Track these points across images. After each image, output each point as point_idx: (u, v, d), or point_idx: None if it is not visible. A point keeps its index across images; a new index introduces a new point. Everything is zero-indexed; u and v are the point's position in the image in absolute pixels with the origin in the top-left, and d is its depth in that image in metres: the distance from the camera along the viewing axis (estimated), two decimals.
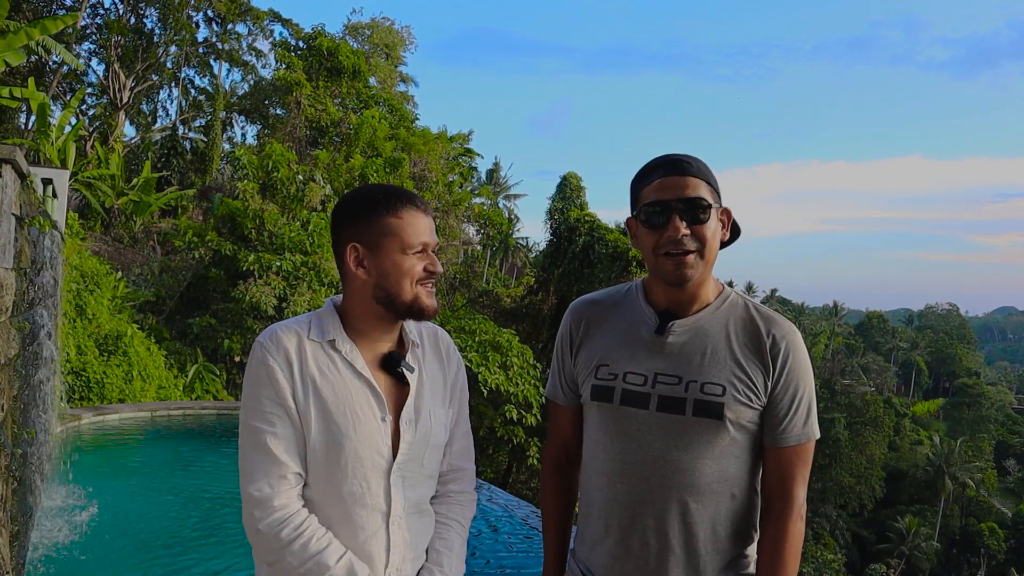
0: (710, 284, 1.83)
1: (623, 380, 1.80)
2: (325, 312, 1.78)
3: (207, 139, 33.36)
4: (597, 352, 1.88)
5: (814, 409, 1.81)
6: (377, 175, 20.38)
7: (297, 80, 22.75)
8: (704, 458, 1.74)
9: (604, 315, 1.93)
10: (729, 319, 1.81)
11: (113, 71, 27.72)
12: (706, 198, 1.74)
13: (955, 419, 68.93)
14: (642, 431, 1.77)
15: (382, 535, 1.71)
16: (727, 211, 1.82)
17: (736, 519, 1.79)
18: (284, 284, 15.93)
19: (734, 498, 1.78)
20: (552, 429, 2.07)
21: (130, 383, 12.13)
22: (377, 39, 34.53)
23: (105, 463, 8.37)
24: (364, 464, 1.69)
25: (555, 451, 2.06)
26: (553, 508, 2.05)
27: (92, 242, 19.00)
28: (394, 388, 1.77)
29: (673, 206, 1.73)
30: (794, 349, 1.77)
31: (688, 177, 1.75)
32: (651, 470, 1.76)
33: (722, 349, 1.77)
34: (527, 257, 45.55)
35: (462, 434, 1.93)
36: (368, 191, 1.76)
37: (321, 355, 1.72)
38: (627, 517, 1.79)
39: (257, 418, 1.67)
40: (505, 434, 18.77)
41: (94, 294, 12.74)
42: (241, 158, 19.65)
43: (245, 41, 35.31)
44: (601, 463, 1.84)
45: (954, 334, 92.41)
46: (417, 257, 1.72)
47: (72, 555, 5.68)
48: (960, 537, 50.77)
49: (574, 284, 23.25)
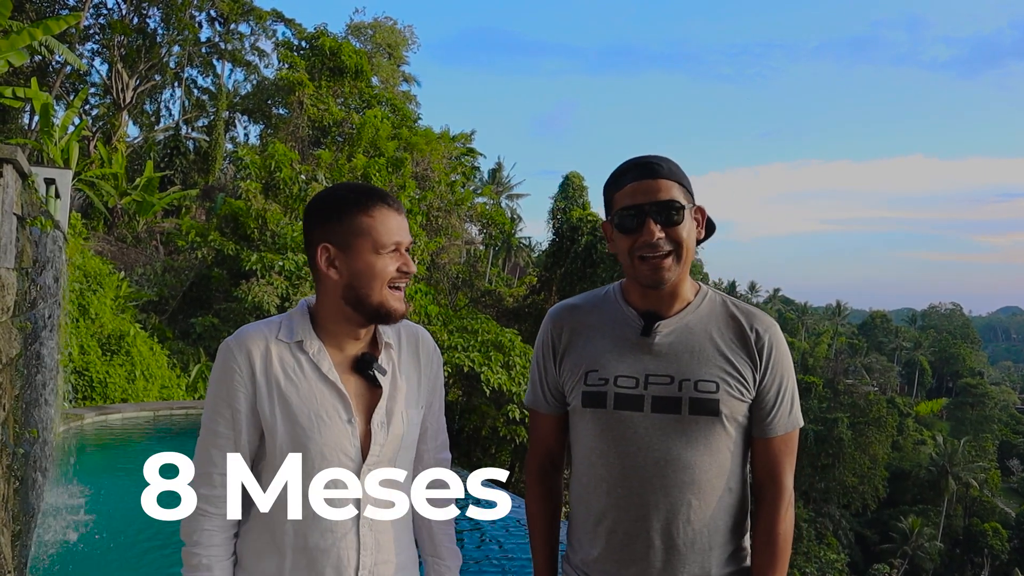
0: (688, 283, 1.84)
1: (614, 384, 1.79)
2: (296, 312, 1.78)
3: (210, 139, 33.42)
4: (584, 358, 1.86)
5: (797, 398, 1.84)
6: (379, 175, 20.39)
7: (300, 80, 22.77)
8: (703, 455, 1.75)
9: (586, 320, 1.91)
10: (711, 316, 1.82)
11: (116, 71, 27.78)
12: (678, 199, 1.75)
13: (958, 419, 68.87)
14: (639, 434, 1.76)
15: (352, 537, 1.71)
16: (700, 209, 1.82)
17: (734, 512, 1.81)
18: (286, 284, 15.95)
19: (731, 491, 1.79)
20: (534, 437, 2.06)
21: (133, 383, 12.15)
22: (380, 39, 34.57)
23: (108, 463, 8.39)
24: (331, 465, 1.69)
25: (539, 458, 2.04)
26: (540, 514, 2.04)
27: (95, 242, 19.02)
28: (365, 390, 1.76)
29: (646, 210, 1.74)
30: (776, 341, 1.80)
31: (659, 180, 1.75)
32: (652, 472, 1.76)
33: (709, 346, 1.78)
34: (529, 257, 45.58)
35: (441, 428, 1.96)
36: (339, 190, 1.74)
37: (288, 356, 1.71)
38: (629, 521, 1.78)
39: (211, 418, 1.72)
40: (508, 434, 18.78)
41: (97, 294, 12.77)
42: (244, 158, 19.68)
43: (248, 41, 35.41)
44: (599, 469, 1.82)
45: (957, 334, 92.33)
46: (390, 257, 1.70)
47: (74, 554, 5.69)
48: (963, 537, 50.68)
49: (576, 284, 23.25)
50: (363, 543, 1.72)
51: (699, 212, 1.82)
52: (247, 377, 1.68)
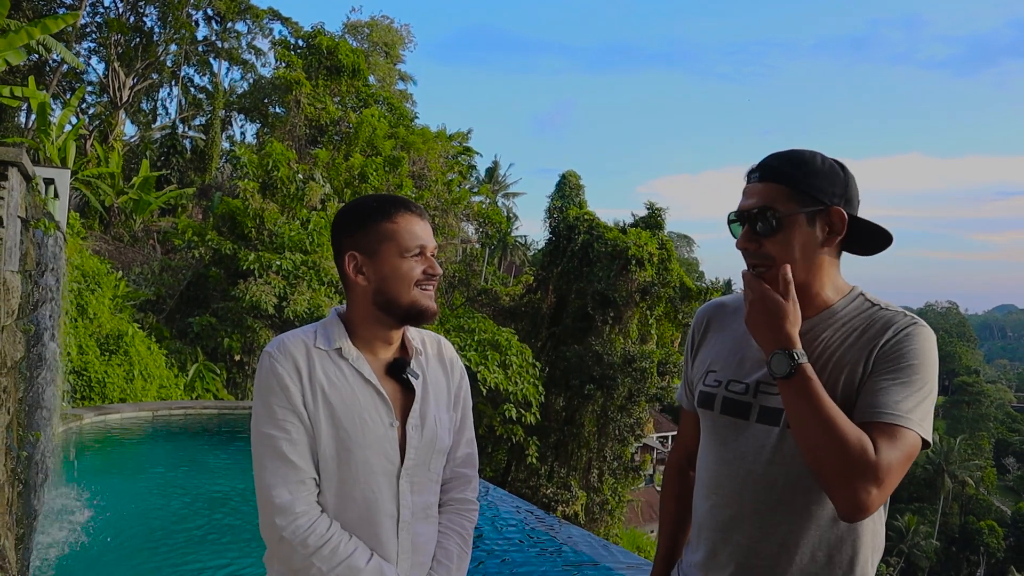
0: (827, 287, 1.66)
1: (725, 388, 1.72)
2: (330, 321, 1.81)
3: (207, 138, 33.37)
4: (709, 357, 1.81)
5: (930, 414, 1.57)
6: (376, 174, 20.38)
7: (297, 79, 22.74)
8: (803, 476, 1.59)
9: (725, 320, 1.84)
10: (844, 325, 1.64)
11: (113, 70, 27.71)
12: (774, 206, 1.61)
13: (955, 417, 69.06)
14: (739, 442, 1.68)
15: (392, 541, 1.74)
16: (831, 212, 1.61)
17: (840, 546, 1.62)
18: (284, 283, 15.94)
19: (836, 523, 1.61)
20: (678, 434, 2.03)
21: (131, 382, 12.16)
22: (376, 37, 34.50)
23: (106, 463, 8.40)
24: (374, 470, 1.72)
25: (677, 455, 2.03)
26: (668, 512, 2.01)
27: (92, 241, 19.00)
28: (399, 394, 1.80)
29: (740, 217, 1.66)
30: (918, 340, 1.57)
31: (757, 184, 1.65)
32: (743, 484, 1.66)
33: (834, 358, 1.61)
34: (526, 256, 45.55)
35: (466, 441, 1.96)
36: (364, 201, 1.80)
37: (328, 363, 1.74)
38: (716, 531, 1.71)
39: (270, 426, 1.69)
40: (504, 433, 18.81)
41: (95, 293, 12.76)
42: (241, 157, 19.65)
43: (245, 40, 35.40)
44: (701, 472, 1.78)
45: (954, 332, 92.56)
46: (415, 260, 1.75)
47: (74, 555, 5.70)
48: (959, 535, 50.88)
49: (573, 283, 23.24)
50: (401, 547, 1.75)
51: (823, 215, 1.62)
52: (296, 380, 1.70)
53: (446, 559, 1.85)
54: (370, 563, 1.68)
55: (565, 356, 22.25)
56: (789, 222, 1.60)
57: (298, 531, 1.65)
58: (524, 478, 22.21)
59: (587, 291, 22.52)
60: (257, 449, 1.71)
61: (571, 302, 23.27)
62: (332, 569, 1.65)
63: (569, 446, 22.48)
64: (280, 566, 1.72)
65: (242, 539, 6.25)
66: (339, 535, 1.68)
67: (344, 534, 1.69)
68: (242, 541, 6.20)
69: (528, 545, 6.03)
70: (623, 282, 22.04)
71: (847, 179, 1.65)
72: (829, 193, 1.61)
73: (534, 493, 21.40)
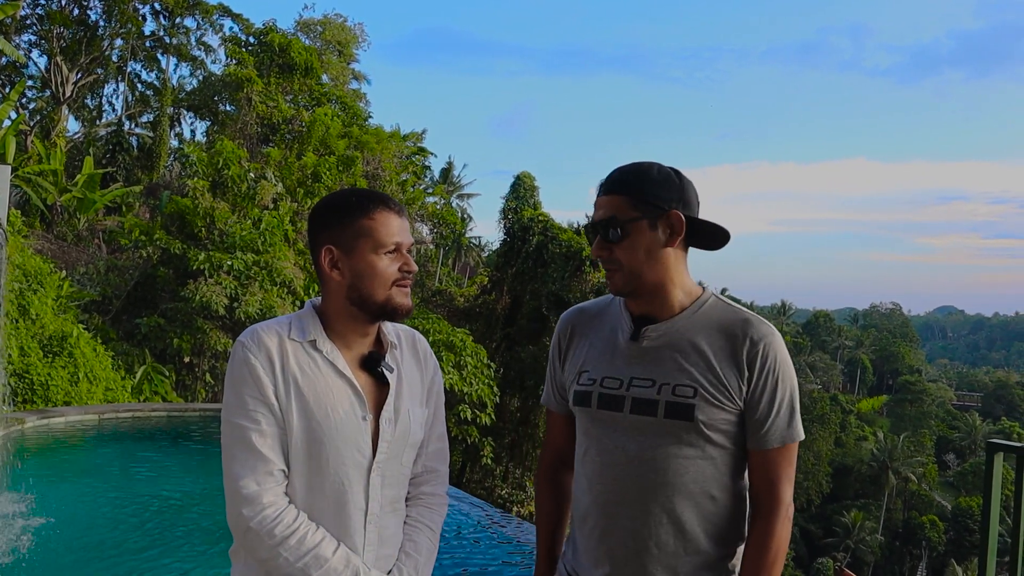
0: (678, 289, 1.82)
1: (600, 385, 1.84)
2: (305, 314, 1.81)
3: (154, 135, 32.65)
4: (580, 359, 1.93)
5: (797, 410, 1.82)
6: (330, 173, 20.20)
7: (248, 76, 22.42)
8: (677, 459, 1.76)
9: (589, 323, 1.97)
10: (704, 322, 1.82)
11: (55, 64, 27.01)
12: (618, 216, 1.77)
13: (898, 415, 70.67)
14: (617, 433, 1.80)
15: (360, 533, 1.74)
16: (670, 215, 1.77)
17: (717, 521, 1.80)
18: (235, 283, 15.70)
19: (713, 500, 1.79)
20: (547, 435, 2.14)
21: (76, 385, 11.84)
22: (329, 36, 34.13)
23: (51, 468, 8.15)
24: (345, 462, 1.72)
25: (549, 456, 2.11)
26: (545, 512, 2.09)
27: (34, 240, 18.47)
28: (373, 387, 1.80)
29: (593, 228, 1.82)
30: (772, 351, 1.78)
31: (603, 196, 1.81)
32: (625, 471, 1.79)
33: (693, 352, 1.78)
34: (480, 257, 45.53)
35: (437, 436, 1.96)
36: (342, 195, 1.79)
37: (302, 354, 1.74)
38: (605, 518, 1.82)
39: (241, 416, 1.68)
40: (459, 434, 18.79)
41: (37, 294, 12.40)
42: (190, 155, 19.32)
43: (194, 35, 34.62)
44: (583, 466, 1.89)
45: (897, 332, 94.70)
46: (390, 257, 1.75)
47: (16, 563, 5.52)
48: (903, 530, 52.13)
49: (527, 284, 23.33)
50: (368, 539, 1.75)
51: (665, 219, 1.77)
52: (269, 371, 1.69)
53: (415, 552, 1.85)
54: (336, 553, 1.68)
55: (520, 357, 22.32)
56: (633, 228, 1.77)
57: (264, 521, 1.64)
58: (479, 479, 22.20)
59: (541, 292, 22.61)
60: (226, 439, 1.69)
61: (525, 303, 23.35)
62: (299, 559, 1.64)
63: (524, 446, 22.55)
64: (247, 557, 1.72)
65: (193, 543, 6.12)
66: (306, 525, 1.68)
67: (311, 524, 1.69)
68: (193, 545, 6.07)
69: (487, 545, 6.01)
70: (577, 283, 22.18)
71: (683, 184, 1.81)
72: (666, 199, 1.78)
73: (489, 494, 21.40)
